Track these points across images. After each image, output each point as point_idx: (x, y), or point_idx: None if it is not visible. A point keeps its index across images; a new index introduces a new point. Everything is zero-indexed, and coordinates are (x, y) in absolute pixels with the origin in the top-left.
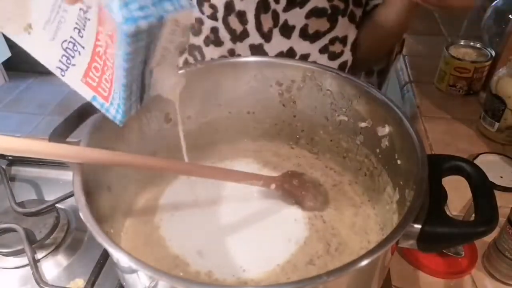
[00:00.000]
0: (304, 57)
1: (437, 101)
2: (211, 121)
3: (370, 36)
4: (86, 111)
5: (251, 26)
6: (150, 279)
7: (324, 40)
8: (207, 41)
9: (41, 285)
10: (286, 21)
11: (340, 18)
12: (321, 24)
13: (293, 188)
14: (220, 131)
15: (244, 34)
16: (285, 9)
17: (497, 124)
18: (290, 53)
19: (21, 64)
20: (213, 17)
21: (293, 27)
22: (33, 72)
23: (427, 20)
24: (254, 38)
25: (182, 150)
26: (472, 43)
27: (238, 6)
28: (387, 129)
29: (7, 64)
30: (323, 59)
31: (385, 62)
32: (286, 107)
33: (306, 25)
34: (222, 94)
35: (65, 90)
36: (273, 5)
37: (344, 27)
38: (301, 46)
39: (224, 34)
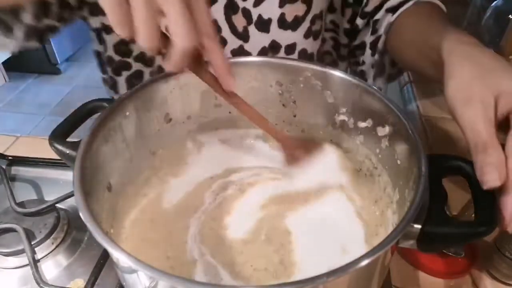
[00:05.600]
0: (291, 48)
1: (437, 101)
2: (211, 121)
3: None
4: (86, 111)
5: (225, 31)
6: (150, 279)
7: (306, 24)
8: None
9: (41, 285)
10: (260, 16)
11: None
12: (298, 8)
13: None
14: (220, 131)
15: (222, 42)
16: (256, 4)
17: None
18: (273, 46)
19: (21, 64)
20: None
21: (269, 20)
22: (33, 72)
23: None
24: (232, 42)
25: None
26: None
27: None
28: (387, 129)
29: (7, 64)
30: (309, 43)
31: None
32: (286, 107)
33: (282, 14)
34: None
35: (65, 90)
36: (241, 4)
37: (320, 2)
38: (283, 37)
39: None
